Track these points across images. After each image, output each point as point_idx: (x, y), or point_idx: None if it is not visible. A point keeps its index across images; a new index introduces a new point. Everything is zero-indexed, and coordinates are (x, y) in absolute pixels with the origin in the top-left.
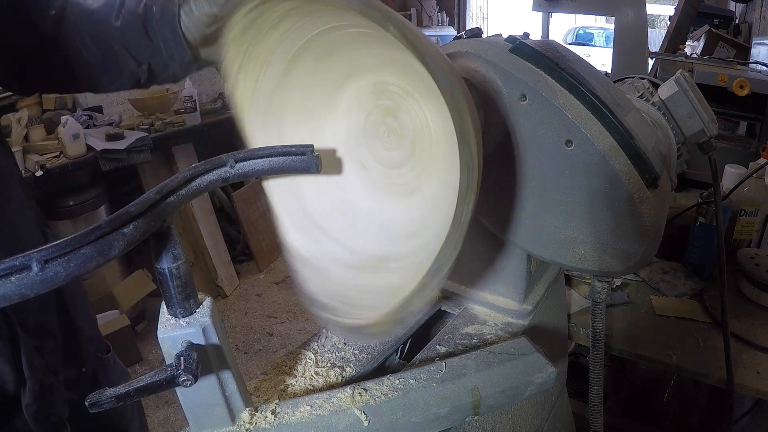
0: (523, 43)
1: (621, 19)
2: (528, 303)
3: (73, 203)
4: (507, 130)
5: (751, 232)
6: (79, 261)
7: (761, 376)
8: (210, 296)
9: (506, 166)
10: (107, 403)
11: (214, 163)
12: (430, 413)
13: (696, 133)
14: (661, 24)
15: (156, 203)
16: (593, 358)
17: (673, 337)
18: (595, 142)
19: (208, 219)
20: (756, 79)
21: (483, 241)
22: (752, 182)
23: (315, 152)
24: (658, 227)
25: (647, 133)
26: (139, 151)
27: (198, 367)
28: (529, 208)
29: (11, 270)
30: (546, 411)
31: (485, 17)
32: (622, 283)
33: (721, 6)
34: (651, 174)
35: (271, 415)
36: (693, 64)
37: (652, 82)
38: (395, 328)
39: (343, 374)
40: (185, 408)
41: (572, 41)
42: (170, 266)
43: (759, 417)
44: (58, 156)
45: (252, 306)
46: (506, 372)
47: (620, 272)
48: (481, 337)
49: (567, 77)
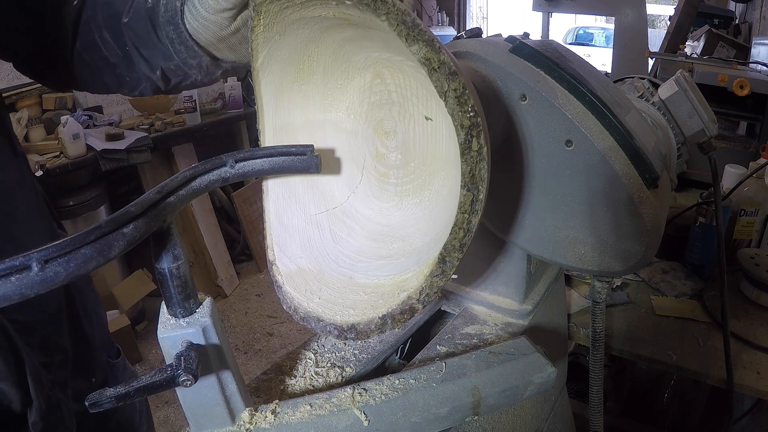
0: (523, 43)
1: (621, 19)
2: (528, 303)
3: (73, 203)
4: (507, 130)
5: (751, 232)
6: (79, 261)
7: (761, 376)
8: (210, 296)
9: (506, 166)
10: (107, 403)
11: (214, 163)
12: (430, 413)
13: (696, 133)
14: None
15: (156, 203)
16: (593, 358)
17: (673, 337)
18: (595, 142)
19: (208, 219)
20: (756, 79)
21: (483, 240)
22: (752, 182)
23: (315, 152)
24: (658, 227)
25: (647, 133)
26: (139, 151)
27: (198, 367)
28: (529, 208)
29: (11, 270)
30: (546, 411)
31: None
32: (622, 283)
33: (721, 6)
34: (651, 174)
35: (271, 415)
36: (693, 64)
37: (652, 82)
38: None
39: (343, 374)
40: (185, 408)
41: (572, 41)
42: (170, 266)
43: (759, 417)
44: (58, 156)
45: (252, 306)
46: (506, 372)
47: (620, 272)
48: (481, 337)
49: (567, 77)
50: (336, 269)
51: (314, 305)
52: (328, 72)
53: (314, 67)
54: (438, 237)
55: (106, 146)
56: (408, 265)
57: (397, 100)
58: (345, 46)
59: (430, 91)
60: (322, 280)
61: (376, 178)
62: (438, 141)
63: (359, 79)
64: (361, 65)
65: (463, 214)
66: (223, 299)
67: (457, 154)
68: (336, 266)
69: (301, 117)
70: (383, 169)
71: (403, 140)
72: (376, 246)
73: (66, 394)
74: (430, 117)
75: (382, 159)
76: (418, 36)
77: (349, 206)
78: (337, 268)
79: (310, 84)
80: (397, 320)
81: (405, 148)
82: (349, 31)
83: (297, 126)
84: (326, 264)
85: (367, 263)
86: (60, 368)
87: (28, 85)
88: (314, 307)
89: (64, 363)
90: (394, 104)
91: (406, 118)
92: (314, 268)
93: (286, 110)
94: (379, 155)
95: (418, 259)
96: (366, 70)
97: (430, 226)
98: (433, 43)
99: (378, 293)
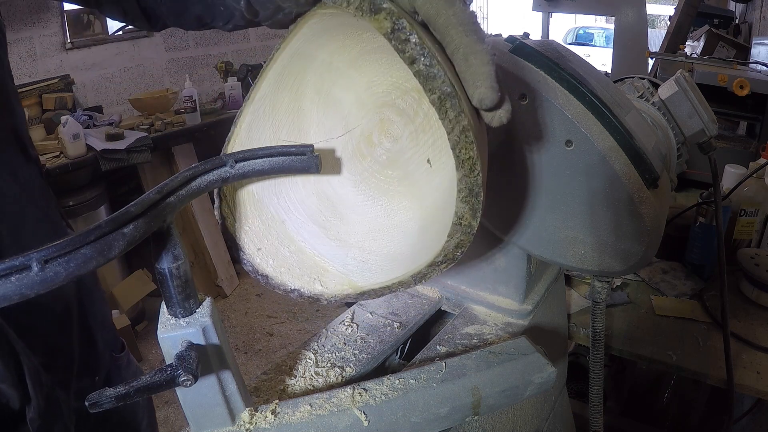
0: (523, 43)
1: (621, 19)
2: (528, 303)
3: (73, 203)
4: (507, 130)
5: (751, 232)
6: (79, 261)
7: (761, 376)
8: (210, 296)
9: (506, 166)
10: (107, 403)
11: (214, 163)
12: (430, 413)
13: (696, 133)
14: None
15: (156, 203)
16: (593, 358)
17: (673, 337)
18: (595, 142)
19: (208, 219)
20: (756, 79)
21: (483, 240)
22: (752, 182)
23: (315, 152)
24: (658, 227)
25: (647, 133)
26: (139, 151)
27: (198, 367)
28: (529, 208)
29: (11, 270)
30: (546, 411)
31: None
32: (622, 283)
33: (721, 6)
34: (651, 174)
35: (271, 415)
36: (693, 64)
37: (652, 82)
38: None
39: (343, 374)
40: (185, 408)
41: (572, 41)
42: (170, 266)
43: (759, 417)
44: (58, 156)
45: (252, 306)
46: (506, 372)
47: (620, 272)
48: (481, 337)
49: (567, 77)
50: (272, 208)
51: (270, 269)
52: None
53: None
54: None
55: (106, 146)
56: (328, 250)
57: (417, 125)
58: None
59: (444, 149)
60: (281, 241)
61: (353, 149)
62: (427, 184)
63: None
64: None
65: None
66: (223, 299)
67: (433, 206)
68: (274, 204)
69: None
70: (365, 150)
71: (398, 152)
72: (317, 206)
73: (67, 393)
74: (432, 163)
75: (369, 144)
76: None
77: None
78: (274, 206)
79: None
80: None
81: (394, 159)
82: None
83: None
84: (268, 199)
85: (301, 219)
86: (63, 368)
87: (28, 85)
88: (269, 270)
89: (68, 363)
90: (412, 123)
91: (413, 143)
92: (277, 226)
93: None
94: (369, 141)
95: (344, 254)
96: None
97: (368, 230)
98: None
99: (299, 259)
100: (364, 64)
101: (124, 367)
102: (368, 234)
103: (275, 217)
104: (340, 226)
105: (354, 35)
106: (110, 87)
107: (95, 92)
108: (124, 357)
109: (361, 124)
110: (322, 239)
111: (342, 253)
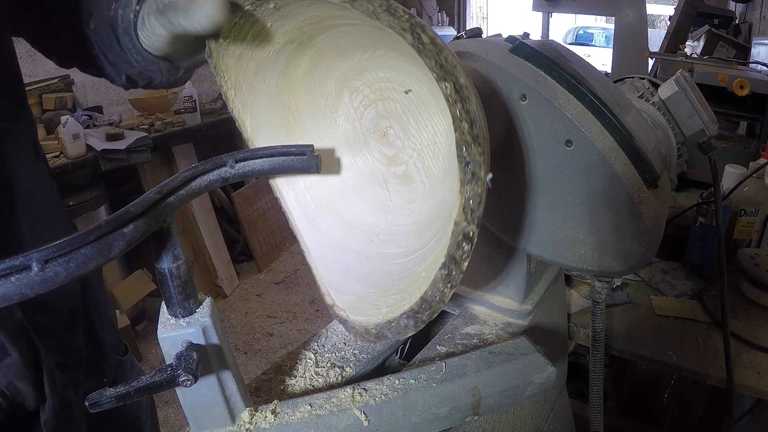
0: (523, 43)
1: (621, 19)
2: (528, 303)
3: (73, 203)
4: (507, 130)
5: (751, 232)
6: (79, 261)
7: (761, 376)
8: (210, 296)
9: (506, 166)
10: (107, 403)
11: (214, 163)
12: (430, 413)
13: (696, 133)
14: (661, 24)
15: (156, 203)
16: (593, 358)
17: (673, 337)
18: (595, 142)
19: (208, 219)
20: (756, 79)
21: (483, 241)
22: (752, 182)
23: (315, 152)
24: (658, 227)
25: (647, 133)
26: (139, 151)
27: (198, 367)
28: (529, 208)
29: (11, 270)
30: (546, 411)
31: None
32: (622, 283)
33: (721, 6)
34: (651, 174)
35: (271, 415)
36: (693, 64)
37: (652, 82)
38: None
39: (343, 374)
40: (185, 408)
41: (572, 41)
42: (170, 266)
43: (759, 417)
44: (58, 156)
45: (252, 306)
46: (506, 372)
47: (620, 272)
48: (481, 337)
49: (567, 77)
50: (396, 279)
51: (383, 316)
52: (314, 114)
53: (302, 115)
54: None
55: (106, 146)
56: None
57: (377, 97)
58: (312, 79)
59: (399, 69)
60: (385, 295)
61: (400, 182)
62: (426, 104)
63: (341, 106)
64: (335, 91)
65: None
66: (223, 299)
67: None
68: (395, 277)
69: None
70: (401, 169)
71: (400, 124)
72: (422, 239)
73: (78, 394)
74: (409, 88)
75: (395, 159)
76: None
77: (389, 225)
78: (397, 278)
79: (305, 134)
80: (458, 264)
81: (405, 129)
82: (305, 58)
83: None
84: (385, 280)
85: (420, 256)
86: (73, 368)
87: (28, 85)
88: (383, 318)
89: (77, 363)
90: (377, 102)
91: (391, 102)
92: (375, 289)
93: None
94: (391, 158)
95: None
96: (341, 93)
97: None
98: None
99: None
100: (329, 138)
101: (128, 369)
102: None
103: (404, 281)
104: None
105: (296, 129)
106: (110, 87)
107: (95, 92)
108: (128, 359)
109: (379, 165)
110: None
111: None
